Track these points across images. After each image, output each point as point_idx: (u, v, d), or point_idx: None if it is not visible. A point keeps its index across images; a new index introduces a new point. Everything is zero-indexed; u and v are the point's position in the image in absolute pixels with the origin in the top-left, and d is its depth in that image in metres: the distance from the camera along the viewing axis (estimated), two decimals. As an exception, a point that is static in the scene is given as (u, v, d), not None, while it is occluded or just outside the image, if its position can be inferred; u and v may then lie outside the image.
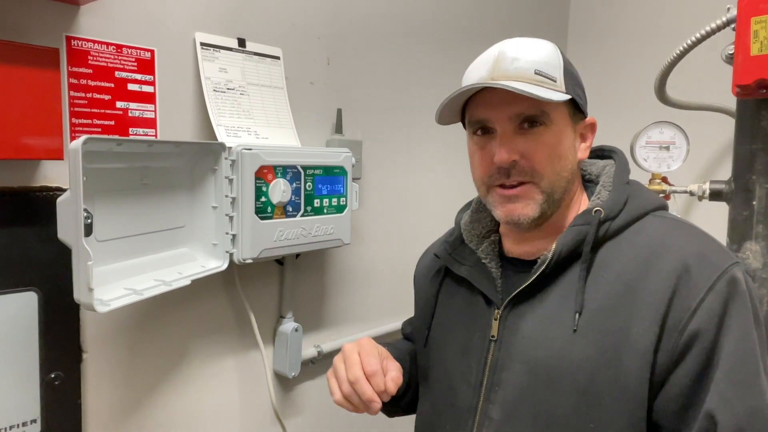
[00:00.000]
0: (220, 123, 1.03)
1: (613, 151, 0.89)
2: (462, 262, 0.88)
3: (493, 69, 0.76)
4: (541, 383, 0.76)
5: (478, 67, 0.80)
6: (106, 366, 0.94)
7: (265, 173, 1.02)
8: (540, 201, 0.78)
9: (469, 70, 0.82)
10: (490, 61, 0.78)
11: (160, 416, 1.03)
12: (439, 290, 0.93)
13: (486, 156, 0.79)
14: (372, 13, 1.33)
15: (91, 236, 0.76)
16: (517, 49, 0.78)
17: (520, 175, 0.77)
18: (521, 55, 0.77)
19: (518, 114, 0.76)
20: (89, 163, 0.75)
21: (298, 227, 1.10)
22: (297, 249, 1.11)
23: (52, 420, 0.86)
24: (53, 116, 0.82)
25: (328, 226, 1.16)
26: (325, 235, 1.16)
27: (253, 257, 1.02)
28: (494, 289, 0.83)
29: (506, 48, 0.78)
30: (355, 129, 1.32)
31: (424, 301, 0.95)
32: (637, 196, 0.83)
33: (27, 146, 0.80)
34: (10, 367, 0.82)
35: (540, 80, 0.75)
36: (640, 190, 0.85)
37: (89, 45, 0.89)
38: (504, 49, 0.78)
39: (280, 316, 1.19)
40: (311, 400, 1.29)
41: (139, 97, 0.96)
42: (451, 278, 0.91)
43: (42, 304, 0.84)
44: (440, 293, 0.93)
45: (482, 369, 0.81)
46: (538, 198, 0.78)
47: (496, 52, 0.79)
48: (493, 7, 1.65)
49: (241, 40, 1.09)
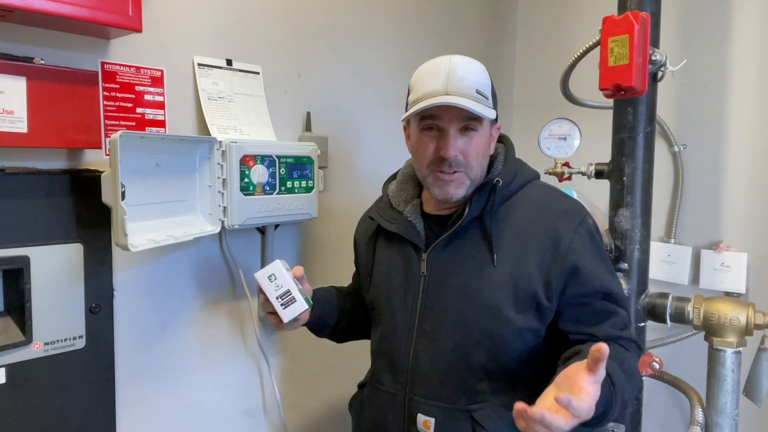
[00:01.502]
0: (213, 123, 1.35)
1: (503, 137, 1.21)
2: (391, 221, 1.17)
3: (446, 83, 1.03)
4: (460, 301, 1.05)
5: (431, 77, 1.05)
6: (130, 302, 1.27)
7: (248, 160, 1.34)
8: (467, 185, 1.08)
9: (421, 76, 1.08)
10: (443, 76, 1.03)
11: (170, 342, 1.35)
12: (375, 245, 1.23)
13: (432, 148, 1.07)
14: (334, 35, 1.65)
15: (124, 201, 1.08)
16: (464, 68, 1.05)
17: (457, 166, 1.06)
18: (467, 75, 1.04)
19: (463, 120, 1.04)
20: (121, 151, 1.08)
21: (274, 203, 1.41)
22: (274, 220, 1.43)
23: (92, 336, 1.19)
24: (93, 118, 1.13)
25: (298, 203, 1.47)
26: (296, 209, 1.46)
27: (239, 224, 1.33)
28: (420, 238, 1.13)
29: (455, 66, 1.04)
30: (323, 127, 1.63)
31: (365, 256, 1.24)
32: (522, 169, 1.16)
33: (75, 139, 1.10)
34: (64, 297, 1.14)
35: (479, 98, 1.04)
36: (524, 165, 1.18)
37: (117, 67, 1.22)
38: (453, 67, 1.04)
39: (263, 273, 1.52)
40: (289, 341, 1.61)
41: (152, 104, 1.28)
42: (383, 236, 1.20)
43: (85, 253, 1.17)
44: (377, 248, 1.22)
45: (416, 297, 1.10)
46: (467, 182, 1.08)
47: (447, 68, 1.04)
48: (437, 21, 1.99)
49: (229, 60, 1.42)
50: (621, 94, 1.30)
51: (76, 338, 1.16)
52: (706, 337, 1.42)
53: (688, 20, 1.81)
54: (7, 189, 1.06)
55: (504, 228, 1.07)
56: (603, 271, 1.06)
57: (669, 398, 1.86)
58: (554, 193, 1.13)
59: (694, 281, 1.80)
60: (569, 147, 1.55)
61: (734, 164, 1.75)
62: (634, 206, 1.43)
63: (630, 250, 1.44)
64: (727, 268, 1.72)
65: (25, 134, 1.03)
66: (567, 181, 1.60)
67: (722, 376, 1.38)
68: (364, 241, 1.27)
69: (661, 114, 1.60)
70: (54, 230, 1.12)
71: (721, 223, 1.78)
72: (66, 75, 1.09)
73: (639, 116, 1.41)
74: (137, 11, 1.10)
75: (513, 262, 1.04)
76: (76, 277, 1.15)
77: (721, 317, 1.37)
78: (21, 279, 1.08)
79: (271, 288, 1.07)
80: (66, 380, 1.15)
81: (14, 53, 1.04)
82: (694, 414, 1.41)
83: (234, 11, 1.42)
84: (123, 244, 1.04)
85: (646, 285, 1.48)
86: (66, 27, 1.10)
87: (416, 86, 1.08)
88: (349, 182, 1.73)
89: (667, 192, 1.86)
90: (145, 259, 1.28)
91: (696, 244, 1.81)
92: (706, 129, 1.79)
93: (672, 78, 1.40)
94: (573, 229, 1.05)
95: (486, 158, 1.11)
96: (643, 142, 1.42)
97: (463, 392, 1.05)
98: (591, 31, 1.34)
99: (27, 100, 1.03)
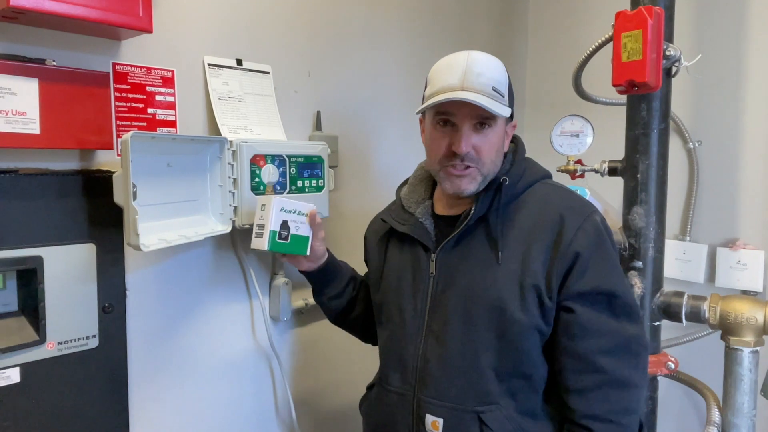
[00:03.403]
0: (224, 123, 1.36)
1: (514, 136, 1.21)
2: (403, 223, 1.17)
3: (463, 79, 1.02)
4: (467, 301, 1.05)
5: (448, 72, 1.04)
6: (142, 301, 1.27)
7: (258, 160, 1.34)
8: (479, 180, 1.07)
9: (439, 70, 1.07)
10: (460, 71, 1.03)
11: (182, 341, 1.36)
12: (387, 247, 1.22)
13: (446, 143, 1.06)
14: (344, 34, 1.65)
15: (136, 201, 1.08)
16: (482, 65, 1.04)
17: (469, 161, 1.05)
18: (484, 71, 1.03)
19: (477, 116, 1.04)
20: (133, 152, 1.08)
21: (285, 202, 1.42)
22: (284, 219, 1.44)
23: (105, 336, 1.19)
24: (105, 119, 1.14)
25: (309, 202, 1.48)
26: (307, 209, 1.48)
27: (250, 224, 1.34)
28: (430, 239, 1.13)
29: (473, 62, 1.04)
30: (333, 127, 1.63)
31: (376, 256, 1.24)
32: (531, 168, 1.15)
33: (87, 140, 1.11)
34: (77, 296, 1.15)
35: (495, 95, 1.03)
36: (533, 164, 1.17)
37: (128, 68, 1.22)
38: (471, 63, 1.03)
39: (273, 273, 1.52)
40: (301, 341, 1.61)
41: (163, 105, 1.29)
42: (395, 238, 1.21)
43: (98, 252, 1.17)
44: (388, 249, 1.22)
45: (425, 297, 1.10)
46: (479, 178, 1.07)
47: (464, 63, 1.04)
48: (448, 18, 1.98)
49: (239, 60, 1.42)
50: (634, 90, 1.29)
51: (89, 338, 1.17)
52: (723, 336, 1.39)
53: (702, 14, 1.78)
54: (21, 190, 1.07)
55: (510, 226, 1.06)
56: (607, 270, 1.02)
57: (684, 398, 1.84)
58: (562, 192, 1.12)
59: (709, 280, 1.78)
60: (582, 144, 1.53)
61: (750, 160, 1.72)
62: (648, 204, 1.41)
63: (644, 248, 1.42)
64: (743, 266, 1.69)
65: (37, 135, 1.04)
66: (579, 178, 1.58)
67: (739, 376, 1.36)
68: (375, 240, 1.27)
69: (676, 110, 1.57)
70: (67, 230, 1.13)
71: (738, 220, 1.75)
72: (78, 76, 1.09)
73: (653, 112, 1.39)
74: (147, 12, 1.10)
75: (518, 260, 1.03)
76: (89, 277, 1.16)
77: (738, 316, 1.35)
78: (35, 279, 1.08)
79: (257, 214, 1.17)
80: (79, 379, 1.16)
81: (26, 55, 1.05)
82: (711, 414, 1.39)
83: (244, 11, 1.42)
84: (135, 244, 1.04)
85: (661, 283, 1.46)
86: (77, 28, 1.10)
87: (433, 79, 1.07)
88: (360, 181, 1.73)
89: (682, 189, 1.84)
90: (156, 259, 1.29)
91: (712, 241, 1.78)
92: (721, 125, 1.77)
93: (686, 73, 1.38)
94: (577, 225, 1.03)
95: (500, 155, 1.10)
96: (658, 138, 1.40)
97: (471, 393, 1.04)
98: (604, 26, 1.33)
99: (39, 102, 1.04)
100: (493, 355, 1.03)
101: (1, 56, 1.01)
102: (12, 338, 1.07)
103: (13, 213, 1.06)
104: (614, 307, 1.01)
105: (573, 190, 1.15)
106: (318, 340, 1.65)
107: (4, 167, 1.06)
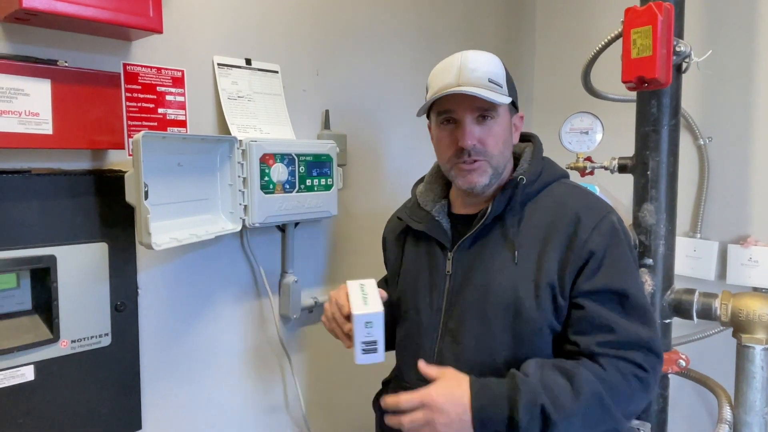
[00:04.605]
0: (233, 122, 1.36)
1: (532, 135, 1.20)
2: (419, 221, 1.17)
3: (458, 76, 1.04)
4: (483, 300, 1.05)
5: (444, 73, 1.06)
6: (154, 300, 1.28)
7: (267, 159, 1.35)
8: (490, 173, 1.08)
9: (436, 73, 1.09)
10: (455, 70, 1.04)
11: (194, 339, 1.37)
12: (404, 245, 1.23)
13: (452, 141, 1.07)
14: (352, 32, 1.66)
15: (147, 200, 1.09)
16: (475, 61, 1.05)
17: (477, 155, 1.06)
18: (478, 66, 1.05)
19: (477, 109, 1.05)
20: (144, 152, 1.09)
21: (294, 201, 1.42)
22: (294, 218, 1.44)
23: (118, 334, 1.20)
24: (116, 119, 1.16)
25: (318, 201, 1.48)
26: (316, 207, 1.47)
27: (260, 222, 1.34)
28: (446, 237, 1.13)
29: (466, 60, 1.05)
30: (342, 125, 1.63)
31: (394, 255, 1.25)
32: (548, 168, 1.15)
33: (99, 140, 1.13)
34: (89, 295, 1.16)
35: (491, 86, 1.04)
36: (551, 164, 1.17)
37: (139, 69, 1.23)
38: (465, 61, 1.05)
39: (283, 271, 1.53)
40: (311, 339, 1.62)
41: (174, 105, 1.30)
42: (411, 235, 1.21)
43: (110, 251, 1.18)
44: (405, 247, 1.23)
45: (442, 296, 1.11)
46: (489, 171, 1.07)
47: (459, 62, 1.05)
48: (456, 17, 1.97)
49: (248, 59, 1.43)
50: (644, 86, 1.28)
51: (102, 336, 1.18)
52: (734, 333, 1.39)
53: (713, 10, 1.77)
54: (33, 190, 1.08)
55: (527, 226, 1.06)
56: (620, 270, 1.01)
57: (696, 396, 1.82)
58: (579, 192, 1.11)
59: (720, 277, 1.76)
60: (591, 141, 1.53)
61: (762, 157, 1.71)
62: (658, 201, 1.41)
63: (655, 245, 1.41)
64: (755, 263, 1.68)
65: (50, 136, 1.05)
66: (589, 176, 1.58)
67: (751, 374, 1.35)
68: (392, 239, 1.27)
69: (686, 106, 1.56)
70: (79, 230, 1.14)
71: (749, 217, 1.73)
72: (89, 77, 1.11)
73: (663, 109, 1.38)
74: (158, 13, 1.11)
75: (534, 259, 1.03)
76: (102, 276, 1.17)
77: (750, 313, 1.34)
78: (48, 278, 1.10)
79: (362, 331, 1.03)
80: (92, 377, 1.17)
81: (39, 56, 1.06)
82: (722, 412, 1.38)
83: (252, 11, 1.43)
84: (147, 243, 1.05)
85: (671, 281, 1.45)
86: (88, 29, 1.11)
87: (431, 83, 1.09)
88: (369, 180, 1.73)
89: (693, 186, 1.82)
90: (168, 258, 1.30)
91: (722, 238, 1.77)
92: (732, 121, 1.75)
93: (697, 69, 1.38)
94: (593, 224, 1.02)
95: (508, 147, 1.10)
96: (668, 135, 1.39)
97: None
98: (613, 22, 1.32)
99: (52, 102, 1.05)
100: (508, 353, 1.03)
101: (14, 57, 1.02)
102: (26, 336, 1.08)
103: (27, 213, 1.08)
104: (626, 308, 1.00)
105: (590, 191, 1.14)
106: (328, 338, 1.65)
107: (17, 167, 1.08)
